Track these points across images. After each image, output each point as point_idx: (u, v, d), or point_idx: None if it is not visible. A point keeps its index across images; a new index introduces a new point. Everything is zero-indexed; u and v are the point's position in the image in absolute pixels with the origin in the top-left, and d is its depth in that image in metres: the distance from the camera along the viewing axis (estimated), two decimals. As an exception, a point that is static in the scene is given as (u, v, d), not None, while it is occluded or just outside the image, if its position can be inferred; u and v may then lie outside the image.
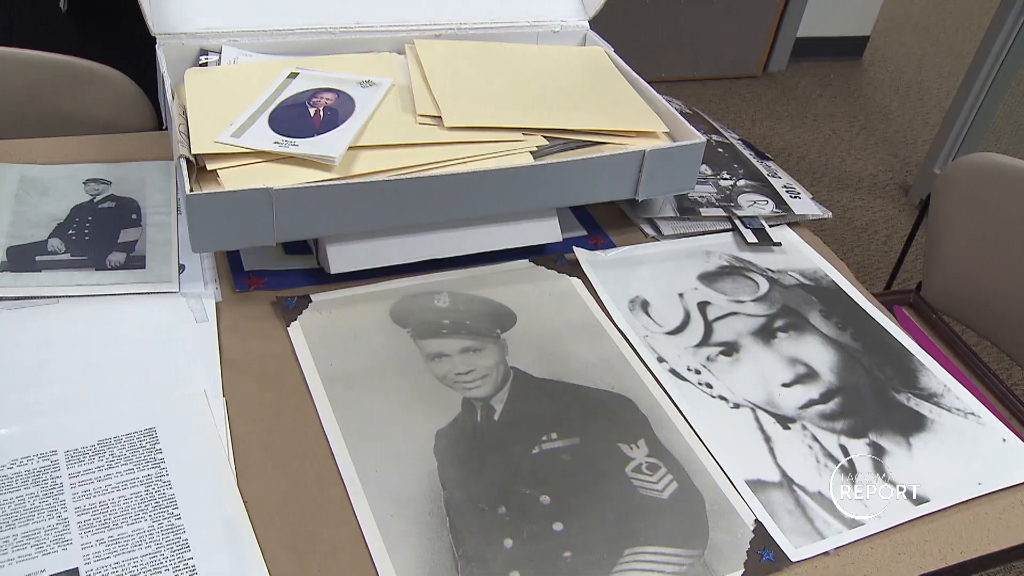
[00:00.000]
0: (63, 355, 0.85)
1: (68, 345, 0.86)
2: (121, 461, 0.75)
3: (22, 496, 0.71)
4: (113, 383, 0.83)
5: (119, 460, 0.75)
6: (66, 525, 0.69)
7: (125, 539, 0.69)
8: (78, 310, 0.90)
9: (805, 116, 3.51)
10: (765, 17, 3.65)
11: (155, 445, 0.76)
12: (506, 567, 0.72)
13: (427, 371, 0.89)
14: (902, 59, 4.20)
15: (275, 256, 1.01)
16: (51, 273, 0.93)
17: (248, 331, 0.91)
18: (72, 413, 0.79)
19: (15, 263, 0.93)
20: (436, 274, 1.01)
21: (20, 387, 0.81)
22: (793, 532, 0.78)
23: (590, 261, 1.06)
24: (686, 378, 0.93)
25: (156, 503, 0.72)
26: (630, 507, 0.78)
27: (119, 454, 0.75)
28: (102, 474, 0.73)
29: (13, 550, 0.67)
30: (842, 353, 1.00)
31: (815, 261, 1.15)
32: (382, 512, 0.74)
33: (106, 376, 0.83)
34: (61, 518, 0.69)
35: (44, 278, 0.92)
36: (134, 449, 0.76)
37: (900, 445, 0.89)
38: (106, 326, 0.89)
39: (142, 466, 0.75)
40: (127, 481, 0.73)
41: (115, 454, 0.75)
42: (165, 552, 0.68)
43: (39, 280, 0.92)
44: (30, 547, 0.67)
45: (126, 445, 0.76)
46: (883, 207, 2.93)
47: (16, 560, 0.66)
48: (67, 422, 0.78)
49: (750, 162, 1.32)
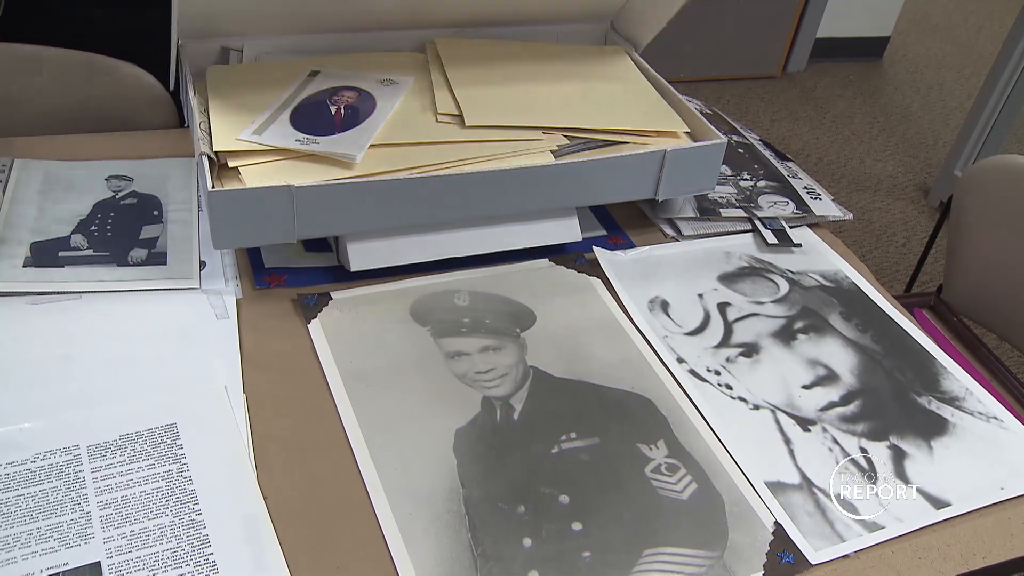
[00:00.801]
0: (86, 350, 0.85)
1: (91, 340, 0.86)
2: (142, 456, 0.75)
3: (45, 490, 0.71)
4: (135, 379, 0.83)
5: (141, 455, 0.75)
6: (88, 519, 0.69)
7: (146, 533, 0.69)
8: (101, 305, 0.91)
9: (824, 117, 3.49)
10: (785, 17, 3.63)
11: (176, 440, 0.77)
12: (525, 566, 0.71)
13: (447, 369, 0.89)
14: (922, 60, 4.17)
15: (295, 254, 1.02)
16: (74, 269, 0.94)
17: (268, 328, 0.91)
18: (95, 408, 0.79)
19: (39, 259, 0.94)
20: (455, 272, 1.01)
21: (44, 381, 0.82)
22: (813, 535, 0.78)
23: (610, 261, 1.06)
24: (706, 379, 0.93)
25: (177, 498, 0.72)
26: (649, 508, 0.78)
27: (141, 449, 0.76)
28: (124, 469, 0.74)
29: (36, 543, 0.67)
30: (863, 355, 0.99)
31: (835, 263, 1.15)
32: (401, 510, 0.74)
33: (128, 372, 0.84)
34: (83, 512, 0.70)
35: (67, 273, 0.93)
36: (155, 444, 0.76)
37: (921, 449, 0.88)
38: (129, 322, 0.89)
39: (163, 461, 0.75)
40: (148, 476, 0.74)
41: (137, 449, 0.76)
42: (185, 547, 0.69)
43: (62, 276, 0.93)
44: (53, 540, 0.68)
45: (147, 440, 0.77)
46: (902, 209, 2.91)
47: (40, 553, 0.67)
48: (90, 417, 0.78)
49: (770, 163, 1.31)
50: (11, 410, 0.78)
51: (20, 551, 0.67)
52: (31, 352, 0.84)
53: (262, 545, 0.70)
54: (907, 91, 3.82)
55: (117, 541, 0.68)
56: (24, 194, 1.03)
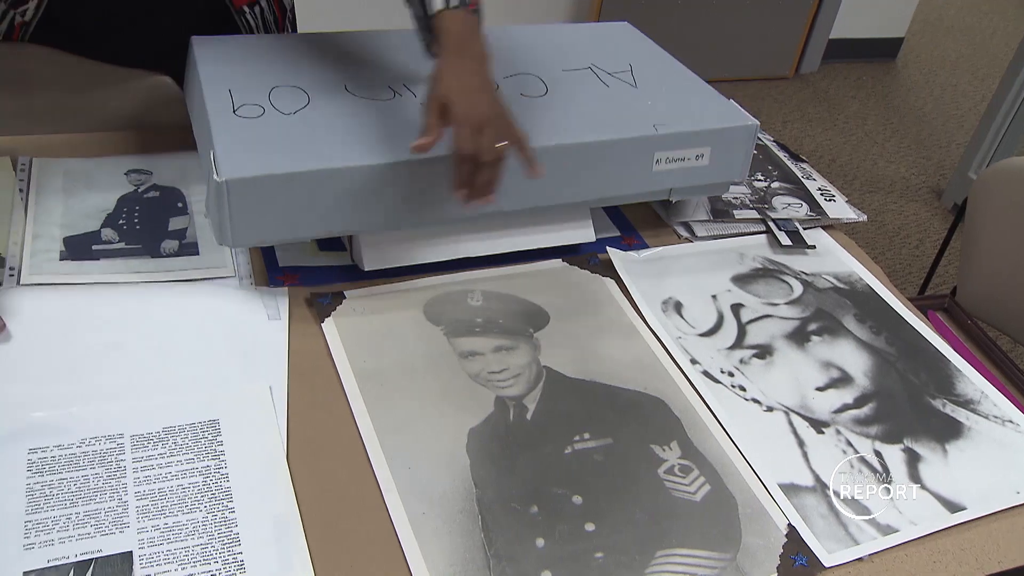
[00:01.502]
0: (136, 339, 0.86)
1: (141, 329, 0.87)
2: (183, 450, 0.76)
3: (87, 475, 0.72)
4: (182, 372, 0.84)
5: (181, 449, 0.76)
6: (125, 508, 0.70)
7: (179, 527, 0.70)
8: (152, 294, 0.92)
9: (837, 118, 3.48)
10: (798, 18, 3.62)
11: (217, 437, 0.77)
12: (538, 567, 0.71)
13: (460, 369, 0.89)
14: (937, 61, 4.15)
15: (309, 252, 1.02)
16: (109, 261, 0.95)
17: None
18: (141, 399, 0.80)
19: (73, 252, 0.96)
20: (469, 272, 1.01)
21: (92, 369, 0.82)
22: (827, 537, 0.77)
23: (623, 262, 1.06)
24: (719, 380, 0.93)
25: (212, 494, 0.73)
26: (662, 509, 0.78)
27: (182, 443, 0.76)
28: (163, 461, 0.75)
29: (74, 527, 0.68)
30: (877, 358, 0.99)
31: (849, 264, 1.14)
32: (414, 509, 0.75)
33: (175, 364, 0.85)
34: (121, 501, 0.71)
35: (103, 266, 0.95)
36: (197, 439, 0.77)
37: (936, 452, 0.88)
38: (179, 314, 0.90)
39: (202, 457, 0.76)
40: (187, 470, 0.74)
41: (178, 443, 0.76)
42: (216, 544, 0.69)
43: (100, 268, 0.94)
44: (90, 526, 0.68)
45: (189, 435, 0.77)
46: (915, 211, 2.90)
47: (76, 538, 0.68)
48: (136, 407, 0.79)
49: (784, 164, 1.31)
50: (61, 394, 0.79)
51: (58, 534, 0.68)
52: (81, 338, 0.85)
53: (291, 547, 0.70)
54: (921, 92, 3.80)
55: (150, 532, 0.69)
56: (48, 191, 1.04)
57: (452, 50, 0.88)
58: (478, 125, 0.83)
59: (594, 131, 0.99)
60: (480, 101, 0.85)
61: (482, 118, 0.84)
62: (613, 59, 1.18)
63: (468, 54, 0.89)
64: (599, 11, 3.21)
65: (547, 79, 1.09)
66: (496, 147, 0.84)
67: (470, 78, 0.87)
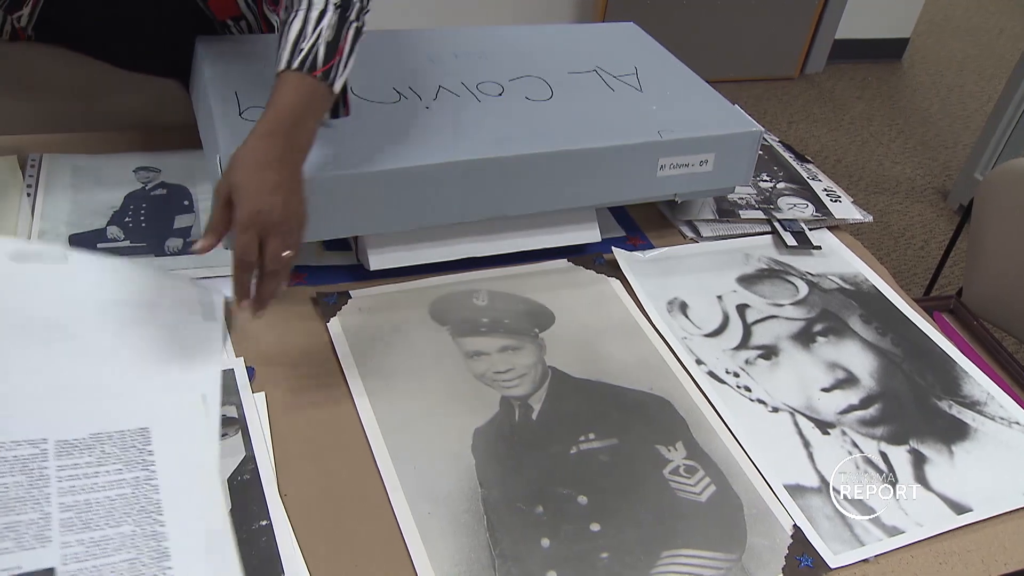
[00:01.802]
0: (67, 332, 0.80)
1: (76, 321, 0.81)
2: (111, 459, 0.71)
3: (7, 484, 0.67)
4: (113, 371, 0.79)
5: (109, 457, 0.71)
6: (48, 521, 0.65)
7: (106, 542, 0.65)
8: (93, 275, 0.85)
9: (842, 119, 3.47)
10: (803, 18, 3.61)
11: (147, 446, 0.73)
12: (543, 567, 0.71)
13: (466, 369, 0.89)
14: (943, 62, 4.14)
15: (314, 252, 1.02)
16: None
17: (288, 326, 0.92)
18: (67, 400, 0.75)
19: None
20: (474, 272, 1.01)
21: (15, 365, 0.76)
22: (832, 538, 0.77)
23: (629, 262, 1.06)
24: (724, 381, 0.93)
25: (141, 507, 0.69)
26: (668, 509, 0.78)
27: (110, 451, 0.72)
28: (91, 471, 0.70)
29: None
30: (882, 359, 0.99)
31: (855, 265, 1.14)
32: (420, 509, 0.75)
33: (106, 362, 0.79)
34: (44, 512, 0.66)
35: None
36: (125, 448, 0.72)
37: (942, 453, 0.88)
38: (113, 307, 0.84)
39: (132, 467, 0.71)
40: (115, 481, 0.70)
41: (106, 451, 0.72)
42: (144, 559, 0.65)
43: None
44: (9, 540, 0.64)
45: (118, 443, 0.73)
46: (921, 212, 2.89)
47: None
48: (62, 409, 0.73)
49: (790, 164, 1.31)
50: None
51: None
52: (16, 319, 0.79)
53: (222, 563, 0.67)
54: (926, 93, 3.80)
55: (75, 548, 0.65)
56: (57, 187, 1.04)
57: (265, 128, 0.77)
58: (264, 231, 0.73)
59: (599, 137, 0.99)
60: (273, 204, 0.73)
61: (268, 224, 0.73)
62: (618, 61, 1.18)
63: (281, 136, 0.77)
64: (604, 11, 3.21)
65: (552, 82, 1.10)
66: (281, 257, 0.75)
67: (270, 171, 0.75)
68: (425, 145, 0.93)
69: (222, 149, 0.87)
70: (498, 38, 1.21)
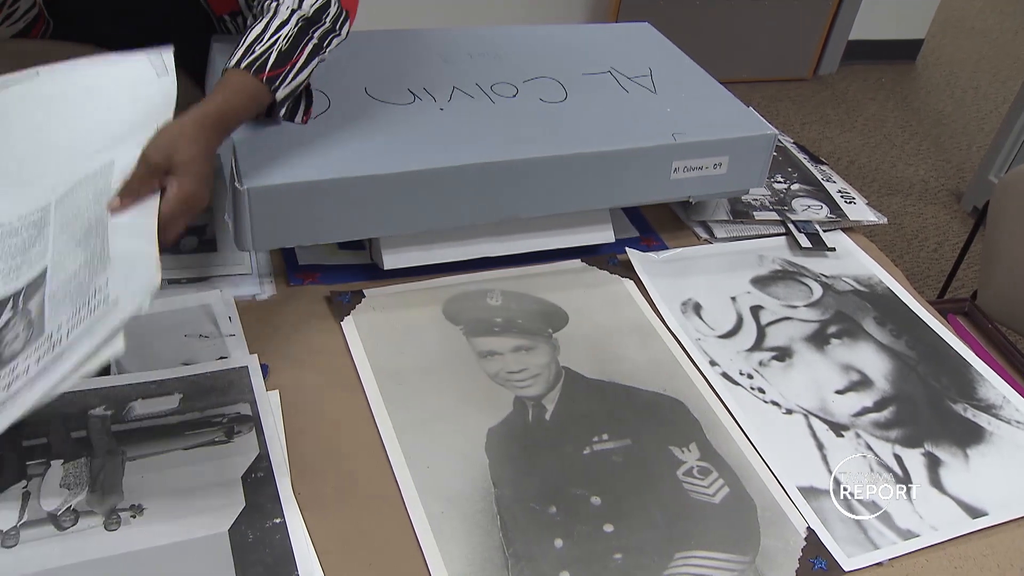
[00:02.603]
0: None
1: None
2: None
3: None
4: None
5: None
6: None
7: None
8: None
9: (856, 120, 3.46)
10: (817, 19, 3.60)
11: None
12: (556, 567, 0.71)
13: (479, 369, 0.89)
14: (957, 63, 4.12)
15: (328, 251, 1.02)
16: None
17: (302, 325, 0.92)
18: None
19: None
20: (488, 272, 1.01)
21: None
22: (846, 541, 0.77)
23: (643, 262, 1.06)
24: (738, 382, 0.92)
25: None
26: (681, 510, 0.78)
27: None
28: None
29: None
30: (897, 361, 0.99)
31: (869, 267, 1.14)
32: (433, 509, 0.75)
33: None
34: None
35: None
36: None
37: (957, 456, 0.87)
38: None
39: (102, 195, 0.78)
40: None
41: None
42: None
43: None
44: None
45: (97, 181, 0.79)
46: (934, 214, 2.88)
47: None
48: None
49: (804, 166, 1.30)
50: None
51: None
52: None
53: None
54: (941, 94, 3.78)
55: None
56: None
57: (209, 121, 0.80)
58: (187, 212, 0.77)
59: (613, 140, 0.99)
60: (204, 195, 0.78)
61: (193, 209, 0.78)
62: (633, 62, 1.17)
63: (220, 132, 0.81)
64: (617, 11, 3.21)
65: (567, 83, 1.09)
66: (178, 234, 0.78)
67: (207, 163, 0.79)
68: (440, 147, 0.93)
69: (237, 152, 0.87)
70: (512, 38, 1.21)
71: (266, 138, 0.90)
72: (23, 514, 0.69)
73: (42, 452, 0.74)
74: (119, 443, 0.76)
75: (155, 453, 0.76)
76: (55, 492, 0.71)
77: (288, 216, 0.88)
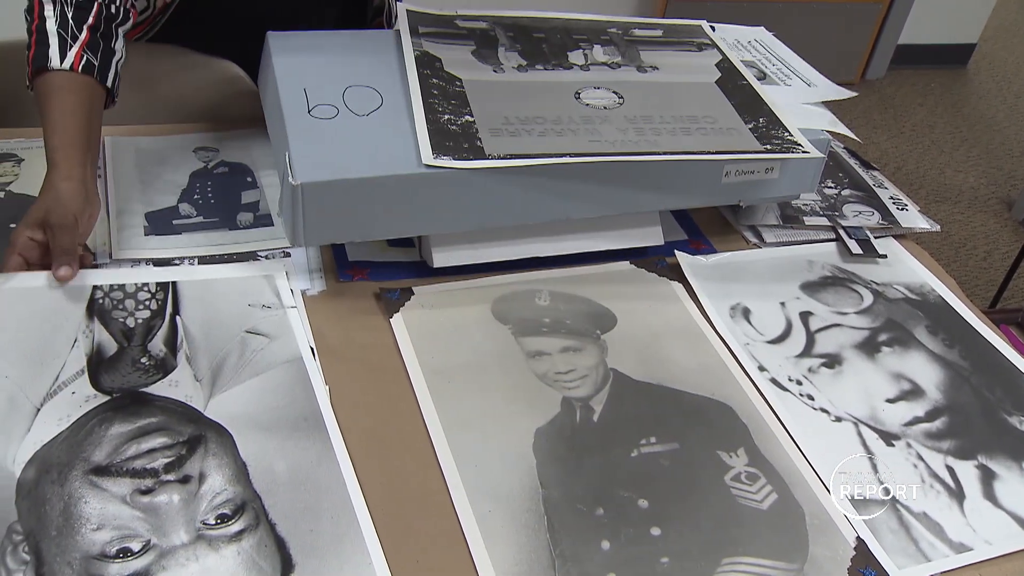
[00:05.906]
0: None
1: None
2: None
3: None
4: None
5: None
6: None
7: None
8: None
9: (904, 125, 3.41)
10: (866, 23, 3.56)
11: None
12: (603, 569, 0.71)
13: (527, 369, 0.89)
14: (1011, 68, 4.04)
15: (378, 248, 1.03)
16: (190, 235, 1.00)
17: (351, 321, 0.93)
18: None
19: (157, 227, 1.00)
20: (537, 272, 1.01)
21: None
22: (896, 552, 0.76)
23: (692, 266, 1.05)
24: (787, 388, 0.92)
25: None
26: (729, 516, 0.77)
27: None
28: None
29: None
30: (949, 371, 0.97)
31: (921, 275, 1.12)
32: (481, 507, 0.75)
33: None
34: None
35: (184, 240, 0.99)
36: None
37: (1012, 470, 0.86)
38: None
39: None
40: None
41: None
42: None
43: (181, 242, 0.98)
44: None
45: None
46: (984, 222, 2.83)
47: None
48: None
49: (855, 171, 1.29)
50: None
51: None
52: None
53: None
54: (992, 100, 3.71)
55: None
56: (123, 169, 1.08)
57: (68, 161, 0.89)
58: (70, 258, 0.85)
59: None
60: (89, 229, 0.90)
61: (83, 239, 0.89)
62: None
63: (83, 150, 0.90)
64: (663, 13, 3.19)
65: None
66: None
67: (88, 202, 0.89)
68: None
69: (291, 147, 0.88)
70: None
71: (320, 134, 0.91)
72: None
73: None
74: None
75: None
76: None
77: (339, 212, 0.89)
